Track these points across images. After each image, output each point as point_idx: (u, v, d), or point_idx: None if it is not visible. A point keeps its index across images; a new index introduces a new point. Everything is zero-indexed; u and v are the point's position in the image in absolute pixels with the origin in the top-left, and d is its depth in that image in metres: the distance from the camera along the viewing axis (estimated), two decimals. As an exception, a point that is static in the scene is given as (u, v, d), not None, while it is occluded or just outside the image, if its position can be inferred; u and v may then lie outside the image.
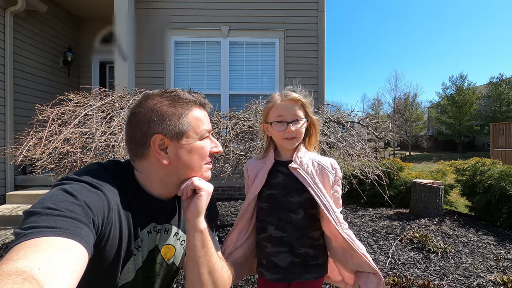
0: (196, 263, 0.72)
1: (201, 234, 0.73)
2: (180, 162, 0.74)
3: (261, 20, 4.99)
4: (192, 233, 0.73)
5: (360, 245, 1.07)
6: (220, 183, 3.13)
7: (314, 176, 1.07)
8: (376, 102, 39.61)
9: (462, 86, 27.02)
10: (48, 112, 2.40)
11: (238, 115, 2.72)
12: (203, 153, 0.77)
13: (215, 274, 0.75)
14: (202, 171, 0.79)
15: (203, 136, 0.77)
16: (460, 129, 26.09)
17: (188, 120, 0.74)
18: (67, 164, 2.29)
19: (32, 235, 0.47)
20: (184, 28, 4.96)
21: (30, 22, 4.59)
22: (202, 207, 0.74)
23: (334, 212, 1.04)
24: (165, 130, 0.71)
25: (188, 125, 0.74)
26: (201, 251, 0.73)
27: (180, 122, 0.73)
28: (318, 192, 1.04)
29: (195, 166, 0.76)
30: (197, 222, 0.73)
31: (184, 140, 0.73)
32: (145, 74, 4.88)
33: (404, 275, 2.10)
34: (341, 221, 1.05)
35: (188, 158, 0.75)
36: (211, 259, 0.74)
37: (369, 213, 3.76)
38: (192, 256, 0.73)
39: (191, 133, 0.74)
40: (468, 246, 2.67)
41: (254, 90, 4.98)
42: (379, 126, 3.08)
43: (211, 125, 0.82)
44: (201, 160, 0.77)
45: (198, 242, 0.72)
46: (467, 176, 3.97)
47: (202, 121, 0.77)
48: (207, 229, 0.75)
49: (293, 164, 1.08)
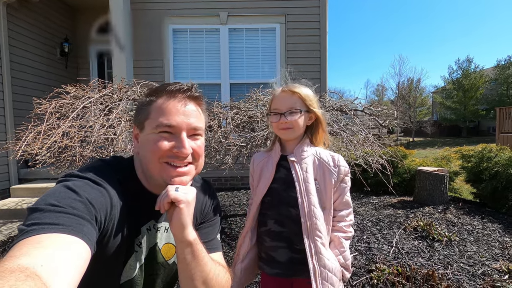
0: (190, 276, 0.69)
1: (190, 247, 0.67)
2: (142, 153, 0.71)
3: (261, 5, 4.82)
4: (181, 246, 0.67)
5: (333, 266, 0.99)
6: (222, 173, 3.11)
7: (307, 173, 1.03)
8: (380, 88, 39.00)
9: (469, 70, 26.37)
10: (46, 106, 2.36)
11: (238, 105, 2.65)
12: (154, 149, 0.67)
13: (209, 282, 0.71)
14: (165, 175, 0.68)
15: (159, 129, 0.67)
16: (465, 113, 25.66)
17: (149, 110, 0.70)
18: (67, 158, 2.28)
19: (35, 232, 0.47)
20: (182, 15, 4.81)
21: (23, 12, 4.48)
22: (185, 220, 0.65)
23: (313, 219, 0.98)
24: (135, 118, 0.74)
25: (147, 114, 0.70)
26: (192, 263, 0.68)
27: (143, 111, 0.71)
28: (302, 191, 1.00)
29: (150, 162, 0.68)
30: (184, 235, 0.66)
31: (144, 131, 0.71)
32: (143, 64, 4.79)
33: (408, 264, 2.09)
34: (321, 232, 0.98)
35: (143, 151, 0.70)
36: (204, 269, 0.70)
37: (373, 202, 3.74)
38: (183, 269, 0.69)
39: (149, 123, 0.70)
40: (473, 234, 2.65)
41: (255, 78, 4.87)
42: (383, 113, 3.00)
43: (194, 123, 0.71)
44: (154, 156, 0.67)
45: (188, 255, 0.67)
46: (473, 163, 3.90)
47: (163, 111, 0.68)
48: (197, 238, 0.70)
49: (290, 156, 1.06)
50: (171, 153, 0.68)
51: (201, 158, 0.75)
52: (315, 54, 4.84)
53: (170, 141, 0.68)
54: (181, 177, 0.69)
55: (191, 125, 0.70)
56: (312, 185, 1.01)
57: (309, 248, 0.98)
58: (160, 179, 0.69)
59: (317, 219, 0.99)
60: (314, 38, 4.83)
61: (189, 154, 0.70)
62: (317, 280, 0.95)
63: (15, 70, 4.35)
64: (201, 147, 0.74)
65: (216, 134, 2.36)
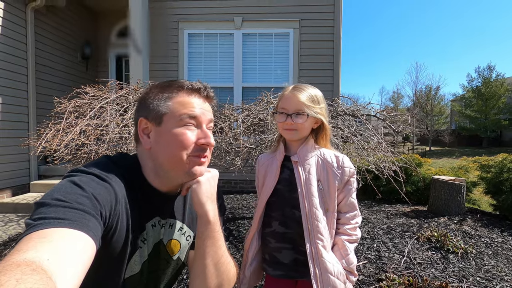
0: (203, 253, 0.71)
1: (209, 224, 0.71)
2: (159, 149, 0.71)
3: (275, 10, 4.86)
4: (200, 222, 0.72)
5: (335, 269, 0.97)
6: (231, 176, 3.13)
7: (310, 174, 1.01)
8: (396, 95, 38.15)
9: (490, 78, 25.35)
10: (65, 105, 2.47)
11: (249, 107, 2.67)
12: (181, 142, 0.69)
13: (221, 267, 0.73)
14: (189, 166, 0.71)
15: (183, 122, 0.70)
16: (486, 123, 24.61)
17: (170, 104, 0.71)
18: (83, 155, 2.36)
19: (41, 226, 0.48)
20: (198, 20, 4.93)
21: (49, 17, 4.73)
22: (201, 198, 0.71)
23: (315, 221, 0.97)
24: (148, 113, 0.72)
25: (167, 108, 0.71)
26: (207, 241, 0.72)
27: (161, 105, 0.71)
28: (304, 193, 0.99)
29: (174, 156, 0.70)
30: (202, 211, 0.71)
31: (163, 125, 0.71)
32: (159, 67, 4.92)
33: (420, 275, 2.01)
34: (323, 235, 0.97)
35: (166, 145, 0.70)
36: (218, 251, 0.73)
37: (385, 210, 3.64)
38: (199, 245, 0.73)
39: (170, 117, 0.70)
40: (492, 247, 2.52)
41: (267, 82, 4.89)
42: (397, 119, 2.93)
43: (210, 116, 0.75)
44: (180, 149, 0.69)
45: (205, 232, 0.72)
46: (492, 173, 3.73)
47: (185, 105, 0.70)
48: (217, 221, 0.74)
49: (293, 157, 1.05)
50: (197, 146, 0.71)
51: (211, 153, 0.78)
52: (328, 59, 4.81)
53: (194, 133, 0.71)
54: (201, 167, 0.73)
55: (210, 118, 0.75)
56: (314, 187, 1.00)
57: (310, 251, 0.96)
58: (181, 172, 0.71)
59: (318, 221, 0.98)
60: (327, 43, 4.81)
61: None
62: (318, 284, 0.93)
63: (39, 72, 4.58)
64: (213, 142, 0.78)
65: (226, 136, 2.38)
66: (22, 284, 0.36)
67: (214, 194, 0.75)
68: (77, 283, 0.45)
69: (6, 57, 4.03)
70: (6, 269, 0.38)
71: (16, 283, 0.35)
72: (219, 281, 0.73)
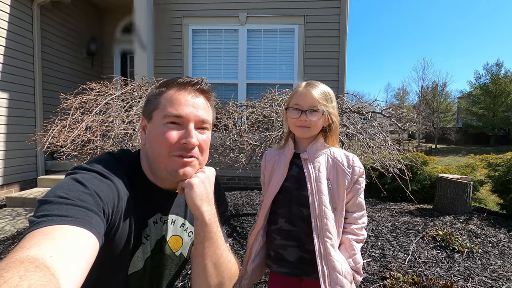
0: (201, 254, 0.70)
1: (205, 226, 0.69)
2: (149, 145, 0.71)
3: (280, 6, 4.81)
4: (196, 223, 0.70)
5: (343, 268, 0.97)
6: (235, 172, 3.13)
7: (320, 172, 1.00)
8: (401, 92, 37.71)
9: (498, 75, 24.87)
10: (71, 101, 2.49)
11: (254, 104, 2.66)
12: (163, 140, 0.67)
13: (220, 266, 0.72)
14: (171, 166, 0.68)
15: (168, 120, 0.68)
16: (494, 121, 24.20)
17: (160, 99, 0.71)
18: (88, 151, 2.38)
19: (44, 223, 0.48)
20: (202, 16, 4.90)
21: (55, 13, 4.75)
22: (195, 201, 0.67)
23: (324, 220, 0.97)
24: (145, 109, 0.74)
25: (157, 104, 0.71)
26: (205, 242, 0.70)
27: (153, 101, 0.72)
28: (314, 190, 0.98)
29: (158, 154, 0.68)
30: (198, 214, 0.68)
31: (152, 121, 0.71)
32: (163, 64, 4.92)
33: (424, 274, 2.00)
34: (331, 233, 0.97)
35: (150, 142, 0.70)
36: (216, 251, 0.72)
37: (389, 208, 3.62)
38: (197, 246, 0.71)
39: (157, 113, 0.70)
40: (498, 246, 2.49)
41: (272, 79, 4.87)
42: (403, 117, 2.90)
43: (201, 113, 0.71)
44: (162, 147, 0.67)
45: (202, 233, 0.69)
46: (500, 172, 3.67)
47: (172, 102, 0.68)
48: (215, 221, 0.72)
49: (303, 154, 1.04)
50: (179, 145, 0.68)
51: (205, 153, 0.74)
52: (333, 55, 4.76)
53: (178, 132, 0.68)
54: (185, 168, 0.69)
55: (199, 117, 0.70)
56: (324, 185, 0.99)
57: (319, 249, 0.96)
58: (165, 171, 0.69)
59: (327, 220, 0.97)
60: (333, 40, 4.76)
61: (196, 146, 0.70)
62: (326, 282, 0.93)
63: (46, 68, 4.62)
64: (206, 141, 0.73)
65: (231, 133, 2.38)
66: (26, 280, 0.36)
67: (210, 194, 0.72)
68: (80, 280, 0.45)
69: (13, 53, 4.06)
70: (9, 266, 0.38)
71: (19, 279, 0.35)
72: (220, 279, 0.73)
